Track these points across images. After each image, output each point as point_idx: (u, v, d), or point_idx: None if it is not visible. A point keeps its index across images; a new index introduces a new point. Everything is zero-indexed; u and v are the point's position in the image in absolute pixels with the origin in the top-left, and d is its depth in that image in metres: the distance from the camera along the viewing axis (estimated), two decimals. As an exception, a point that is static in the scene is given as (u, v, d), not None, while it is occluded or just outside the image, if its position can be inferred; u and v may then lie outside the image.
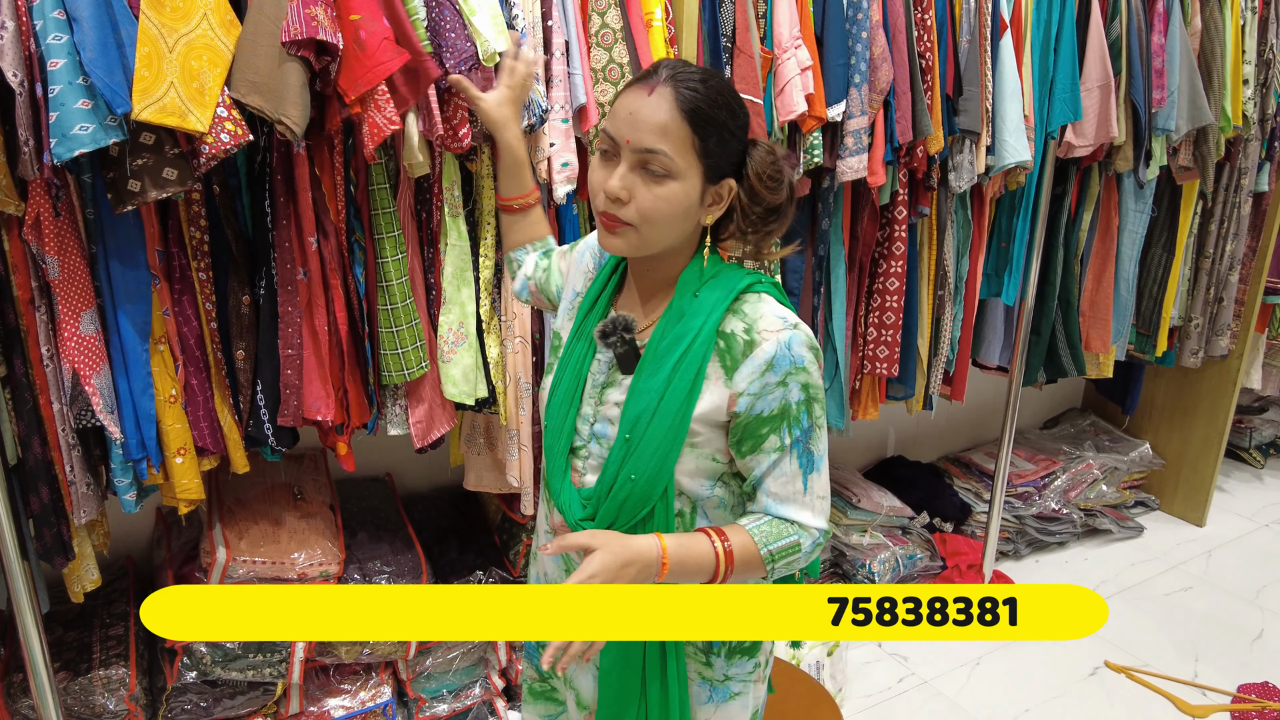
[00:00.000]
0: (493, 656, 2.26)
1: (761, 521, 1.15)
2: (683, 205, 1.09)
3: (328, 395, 1.72)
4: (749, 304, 1.13)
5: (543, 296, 1.45)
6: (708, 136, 1.06)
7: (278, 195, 1.63)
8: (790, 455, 1.12)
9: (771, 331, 1.10)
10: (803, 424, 1.12)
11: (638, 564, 1.07)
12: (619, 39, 1.74)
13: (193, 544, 2.07)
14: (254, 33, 1.47)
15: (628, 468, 1.13)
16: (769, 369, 1.09)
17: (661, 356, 1.12)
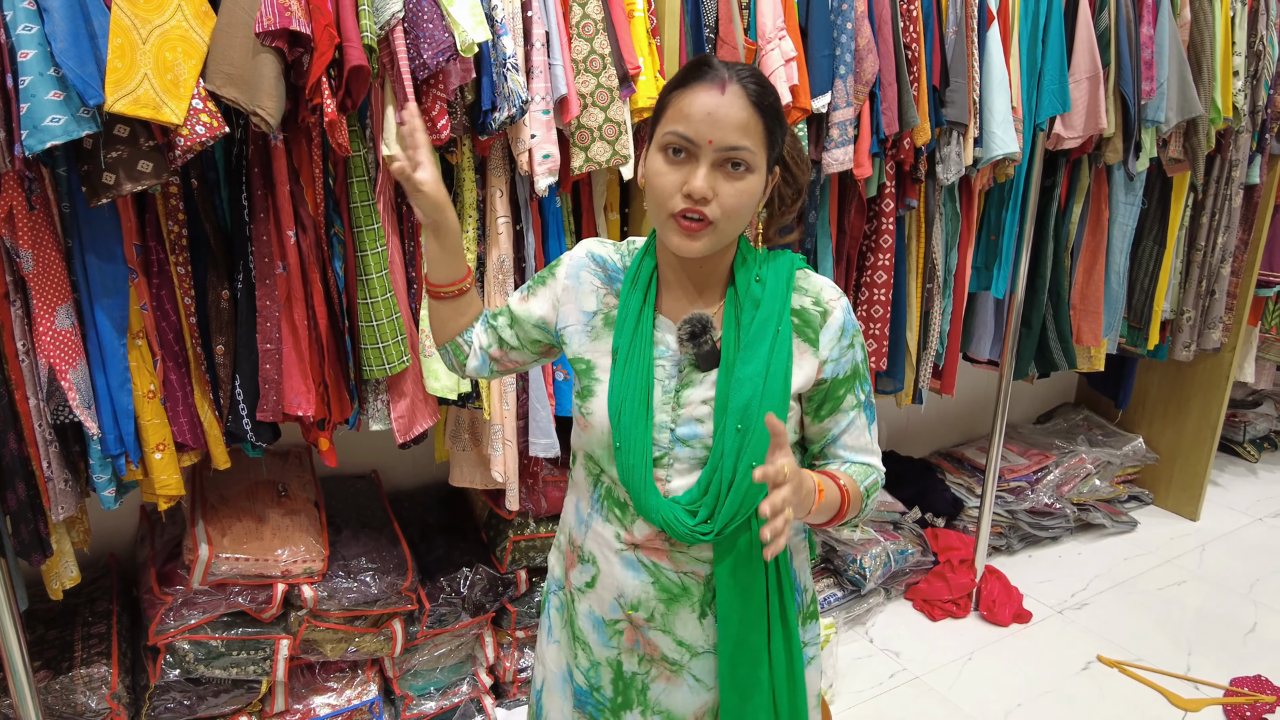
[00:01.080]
0: (480, 654, 2.25)
1: (849, 466, 1.22)
2: (757, 197, 1.13)
3: (308, 390, 1.70)
4: (804, 279, 1.20)
5: (514, 356, 1.33)
6: (774, 128, 1.11)
7: (255, 188, 1.61)
8: (863, 410, 1.21)
9: (835, 299, 1.19)
10: (867, 380, 1.22)
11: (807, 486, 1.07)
12: (600, 30, 1.72)
13: (176, 541, 2.06)
14: (228, 24, 1.46)
15: (746, 456, 1.13)
16: (842, 334, 1.18)
17: (752, 344, 1.15)
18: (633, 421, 1.16)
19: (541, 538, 2.22)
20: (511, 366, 1.35)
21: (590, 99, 1.75)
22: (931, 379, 2.63)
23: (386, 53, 1.58)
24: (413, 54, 1.56)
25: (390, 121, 1.62)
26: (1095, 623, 2.85)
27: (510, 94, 1.63)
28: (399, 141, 1.38)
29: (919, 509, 3.04)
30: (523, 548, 2.21)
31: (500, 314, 1.32)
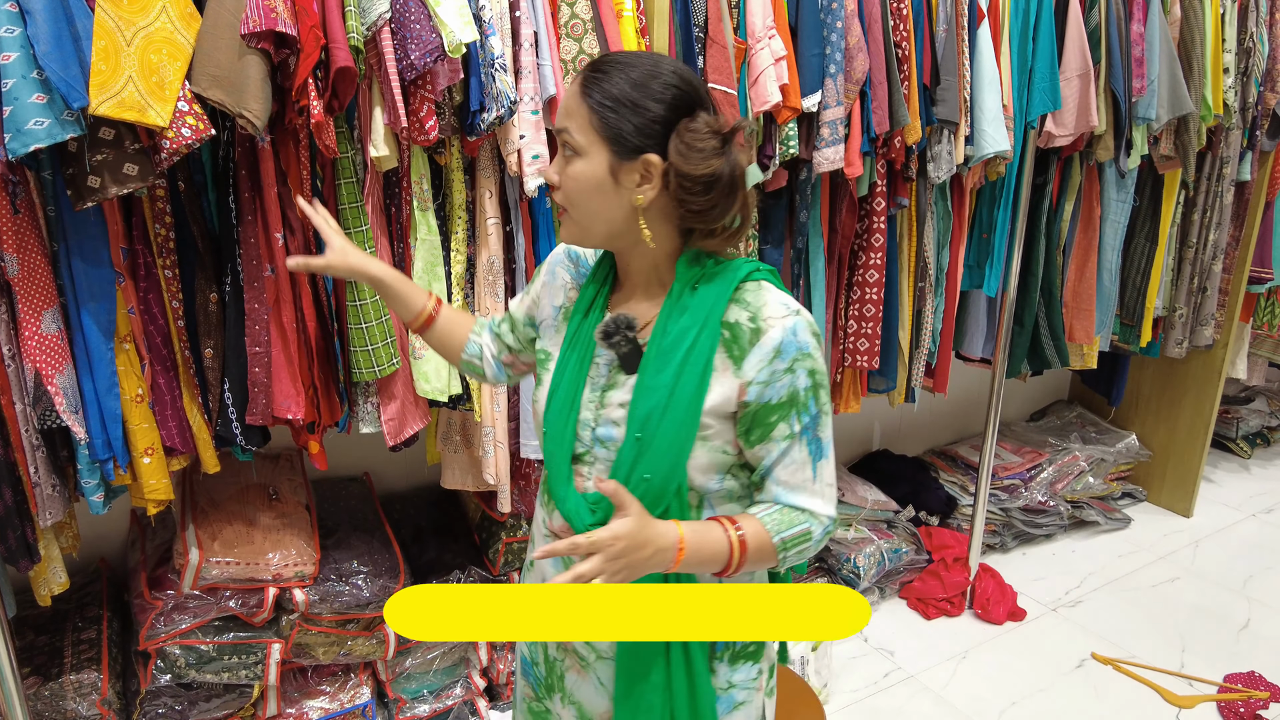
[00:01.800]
0: (474, 656, 2.24)
1: (772, 510, 1.13)
2: (592, 181, 1.09)
3: (297, 393, 1.69)
4: (750, 292, 1.12)
5: (524, 359, 1.37)
6: (606, 111, 1.07)
7: (242, 191, 1.61)
8: (800, 442, 1.11)
9: (777, 318, 1.09)
10: (810, 410, 1.11)
11: (654, 546, 1.05)
12: (589, 30, 1.72)
13: (166, 546, 2.05)
14: (214, 25, 1.45)
15: (641, 467, 1.11)
16: (777, 356, 1.09)
17: (667, 352, 1.11)
18: (557, 414, 1.19)
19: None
20: (525, 370, 1.39)
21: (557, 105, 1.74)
22: (924, 377, 2.63)
23: (374, 54, 1.57)
24: (400, 55, 1.55)
25: (378, 123, 1.61)
26: (1089, 620, 2.85)
27: (498, 94, 1.63)
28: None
29: (912, 507, 3.04)
30: (515, 549, 2.20)
31: (504, 320, 1.38)
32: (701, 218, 1.10)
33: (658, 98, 1.07)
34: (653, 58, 1.10)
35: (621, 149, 1.07)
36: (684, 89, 1.08)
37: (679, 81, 1.08)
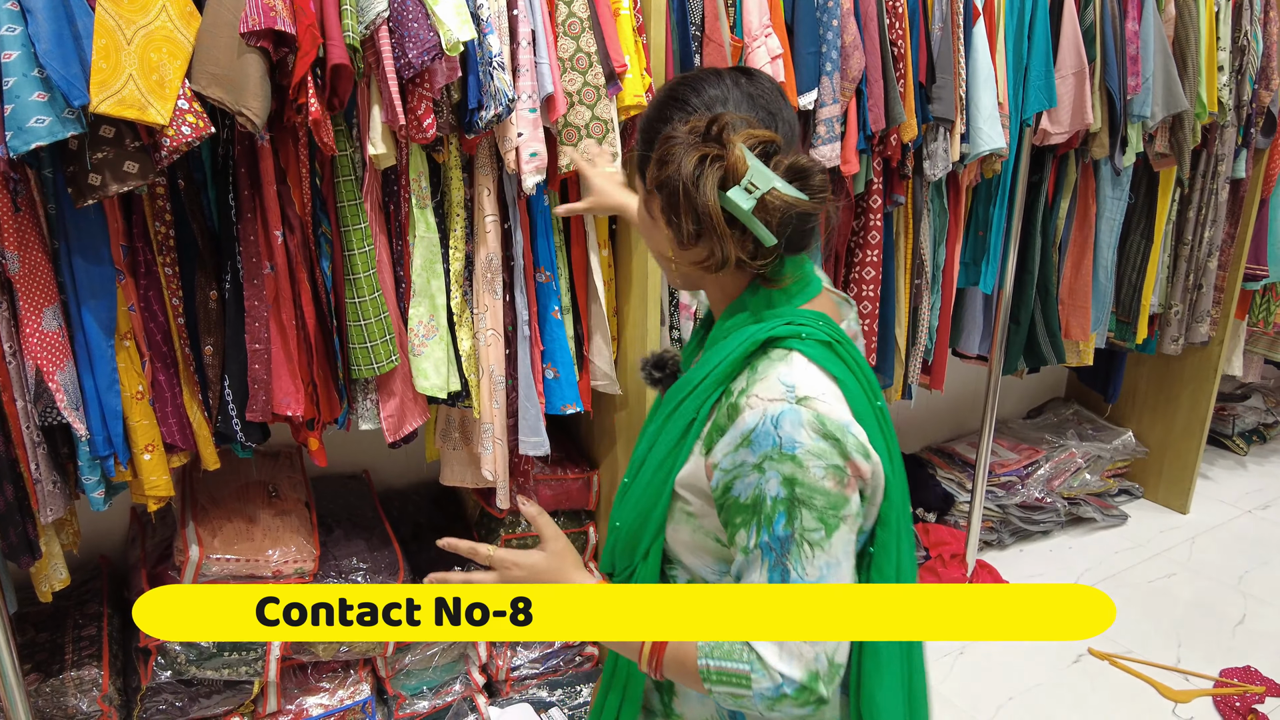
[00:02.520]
0: (473, 652, 2.25)
1: (716, 645, 0.92)
2: (640, 215, 1.02)
3: (297, 390, 1.70)
4: (769, 360, 0.92)
5: None
6: (640, 143, 0.99)
7: (242, 189, 1.61)
8: (759, 564, 0.89)
9: (763, 399, 0.89)
10: (776, 529, 0.88)
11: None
12: (586, 28, 1.73)
13: (167, 543, 2.05)
14: (213, 23, 1.46)
15: (617, 513, 1.05)
16: (745, 444, 0.89)
17: (668, 401, 1.00)
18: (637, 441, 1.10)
19: (533, 536, 2.22)
20: None
21: (577, 97, 1.75)
22: (921, 374, 2.64)
23: (372, 52, 1.58)
24: (398, 53, 1.56)
25: (376, 121, 1.62)
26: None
27: (496, 92, 1.64)
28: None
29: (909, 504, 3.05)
30: (514, 546, 2.21)
31: None
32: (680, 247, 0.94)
33: (666, 118, 0.95)
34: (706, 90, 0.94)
35: (643, 178, 0.98)
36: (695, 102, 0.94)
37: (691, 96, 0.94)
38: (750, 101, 0.94)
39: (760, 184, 0.87)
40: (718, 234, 0.88)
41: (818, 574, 0.88)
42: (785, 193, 0.87)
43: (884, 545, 0.98)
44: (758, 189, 0.87)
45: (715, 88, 0.94)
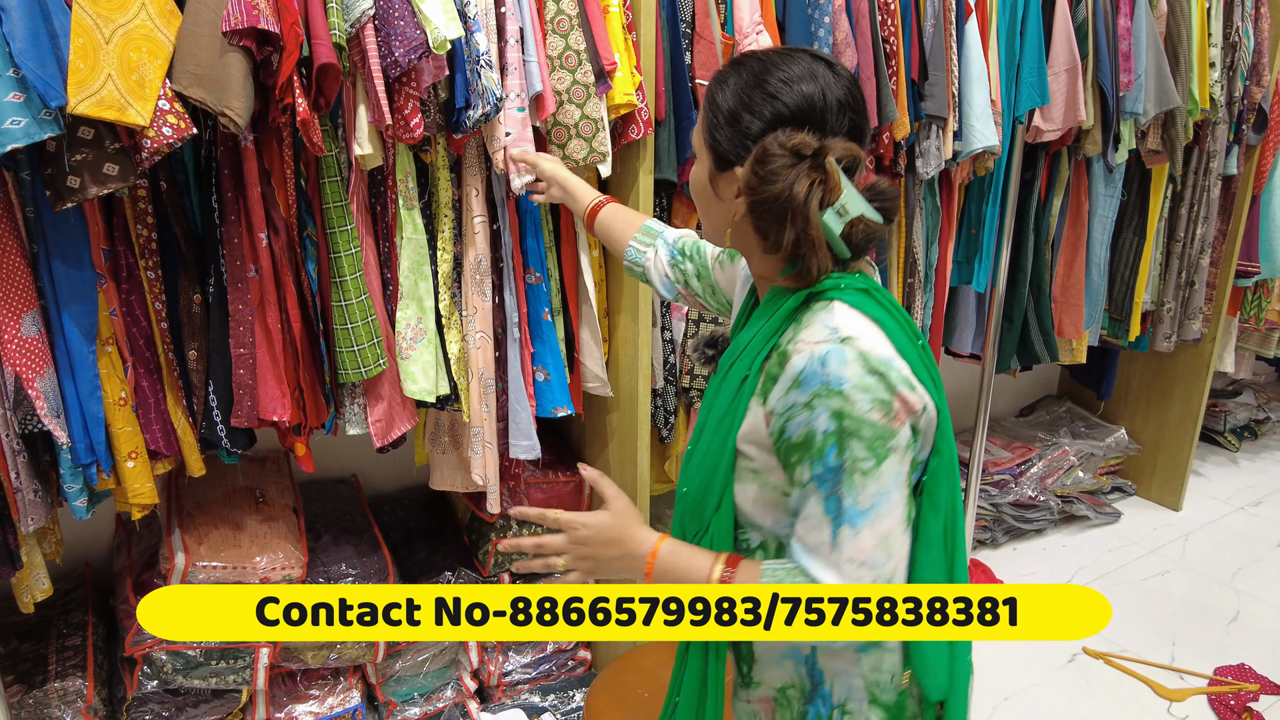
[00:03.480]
0: (464, 658, 2.23)
1: (782, 565, 1.00)
2: (698, 187, 1.08)
3: (283, 395, 1.67)
4: (810, 312, 0.99)
5: (697, 300, 1.40)
6: (711, 115, 1.04)
7: (225, 191, 1.58)
8: (815, 495, 0.96)
9: (809, 343, 0.95)
10: (828, 460, 0.94)
11: (623, 548, 1.05)
12: (575, 25, 1.70)
13: (153, 550, 2.02)
14: (194, 22, 1.43)
15: (684, 479, 1.10)
16: (795, 386, 0.95)
17: (721, 367, 1.07)
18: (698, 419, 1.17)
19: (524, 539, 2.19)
20: (695, 306, 1.43)
21: (566, 96, 1.73)
22: (914, 374, 2.62)
23: (357, 51, 1.55)
24: (384, 52, 1.53)
25: (363, 121, 1.59)
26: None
27: (484, 91, 1.61)
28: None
29: (904, 504, 3.03)
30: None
31: (690, 259, 1.38)
32: (764, 243, 1.00)
33: (754, 109, 0.99)
34: (782, 59, 1.00)
35: (718, 159, 1.03)
36: (785, 100, 0.97)
37: (784, 91, 0.98)
38: (840, 108, 0.99)
39: (851, 209, 0.95)
40: (815, 250, 0.95)
41: (869, 502, 0.94)
42: (870, 218, 0.96)
43: (935, 473, 1.03)
44: (848, 213, 0.95)
45: (809, 84, 0.98)
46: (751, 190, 0.97)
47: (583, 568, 1.06)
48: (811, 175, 0.94)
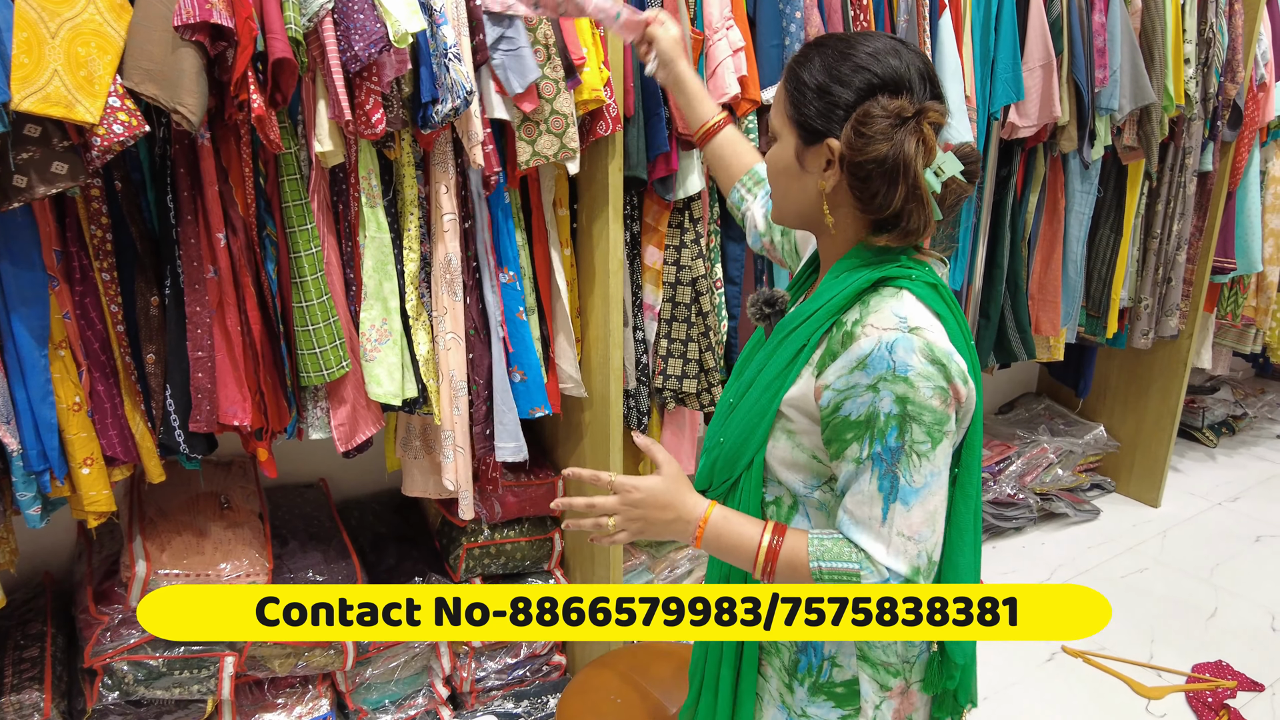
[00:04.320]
0: (436, 664, 2.19)
1: (828, 535, 1.06)
2: (781, 164, 1.11)
3: (244, 399, 1.63)
4: (880, 296, 1.04)
5: (777, 255, 1.44)
6: (796, 92, 1.07)
7: (181, 190, 1.54)
8: (869, 473, 1.01)
9: (878, 328, 1.01)
10: (889, 440, 1.00)
11: (675, 512, 1.10)
12: (542, 18, 1.67)
13: (114, 558, 1.98)
14: (146, 17, 1.39)
15: (721, 430, 1.16)
16: (859, 367, 1.00)
17: (779, 331, 1.12)
18: (731, 376, 1.23)
19: (496, 544, 2.16)
20: (775, 259, 1.45)
21: (536, 90, 1.69)
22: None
23: (316, 45, 1.51)
24: (343, 46, 1.49)
25: (323, 117, 1.55)
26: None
27: (453, 85, 1.57)
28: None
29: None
30: (476, 555, 2.15)
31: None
32: (865, 205, 1.04)
33: (844, 81, 1.03)
34: (861, 38, 1.05)
35: (806, 133, 1.06)
36: (875, 71, 1.02)
37: (872, 64, 1.03)
38: (922, 79, 1.04)
39: (948, 169, 1.01)
40: (923, 206, 1.01)
41: (922, 481, 1.01)
42: (960, 178, 1.02)
43: (969, 468, 1.12)
44: (944, 173, 1.01)
45: (894, 58, 1.03)
46: (856, 151, 1.01)
47: (633, 529, 1.10)
48: (916, 134, 0.99)
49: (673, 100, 1.83)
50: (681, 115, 1.83)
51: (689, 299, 2.02)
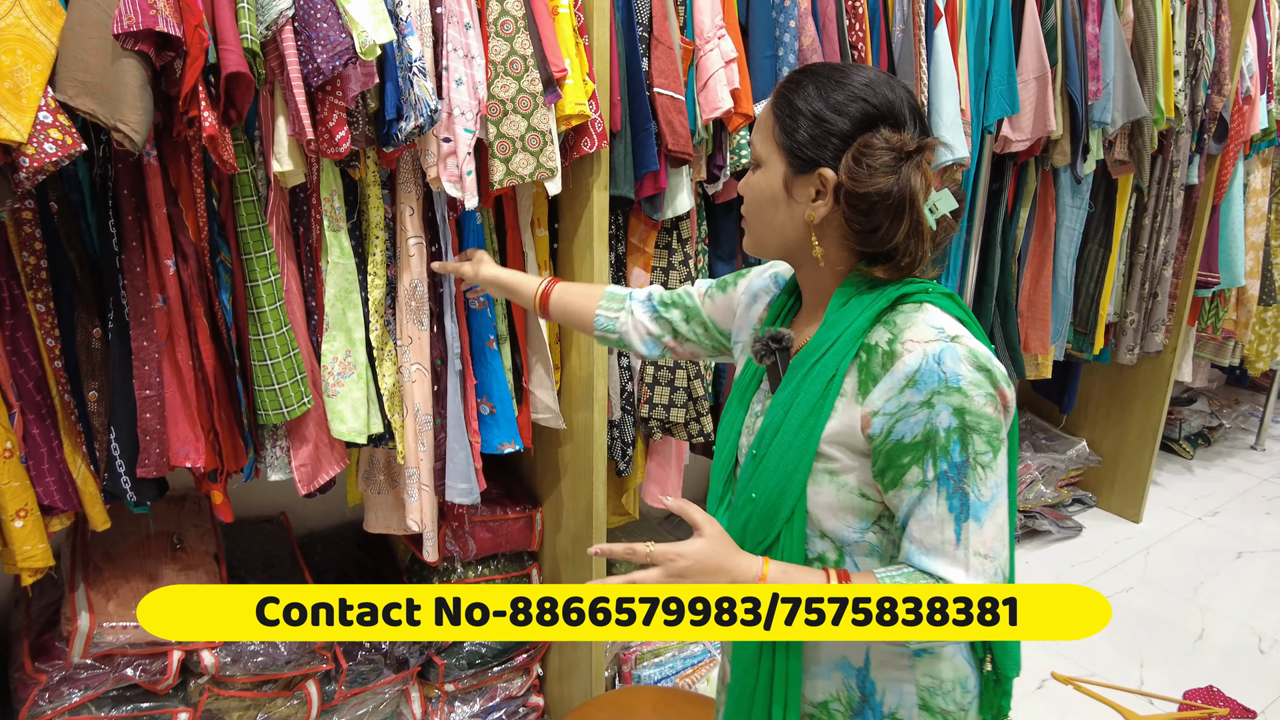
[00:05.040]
0: (406, 710, 2.06)
1: (898, 572, 0.99)
2: (766, 193, 1.06)
3: (196, 438, 1.49)
4: (904, 313, 1.01)
5: (688, 348, 1.39)
6: (787, 119, 1.02)
7: (126, 213, 1.40)
8: (936, 494, 0.97)
9: (919, 342, 0.97)
10: (953, 456, 0.95)
11: (728, 575, 0.99)
12: (521, 28, 1.54)
13: (55, 606, 1.82)
14: (80, 22, 1.24)
15: (750, 486, 1.07)
16: (910, 385, 0.96)
17: (796, 368, 1.06)
18: (722, 430, 1.18)
19: (470, 583, 2.03)
20: (687, 356, 1.41)
21: (511, 105, 1.57)
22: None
23: (275, 56, 1.38)
24: (305, 58, 1.36)
25: (282, 134, 1.42)
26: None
27: (417, 101, 1.45)
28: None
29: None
30: (450, 596, 2.02)
31: (674, 305, 1.36)
32: (865, 238, 1.01)
33: (840, 109, 1.00)
34: (852, 68, 1.03)
35: (796, 161, 1.02)
36: (872, 102, 1.00)
37: (874, 99, 1.00)
38: (913, 114, 1.02)
39: (942, 206, 0.99)
40: (924, 241, 1.00)
41: (990, 493, 0.96)
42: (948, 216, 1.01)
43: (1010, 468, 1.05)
44: (938, 210, 0.99)
45: (888, 90, 1.01)
46: (857, 183, 0.97)
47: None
48: (920, 170, 0.98)
49: (662, 115, 1.72)
50: (672, 131, 1.71)
51: (676, 324, 1.90)
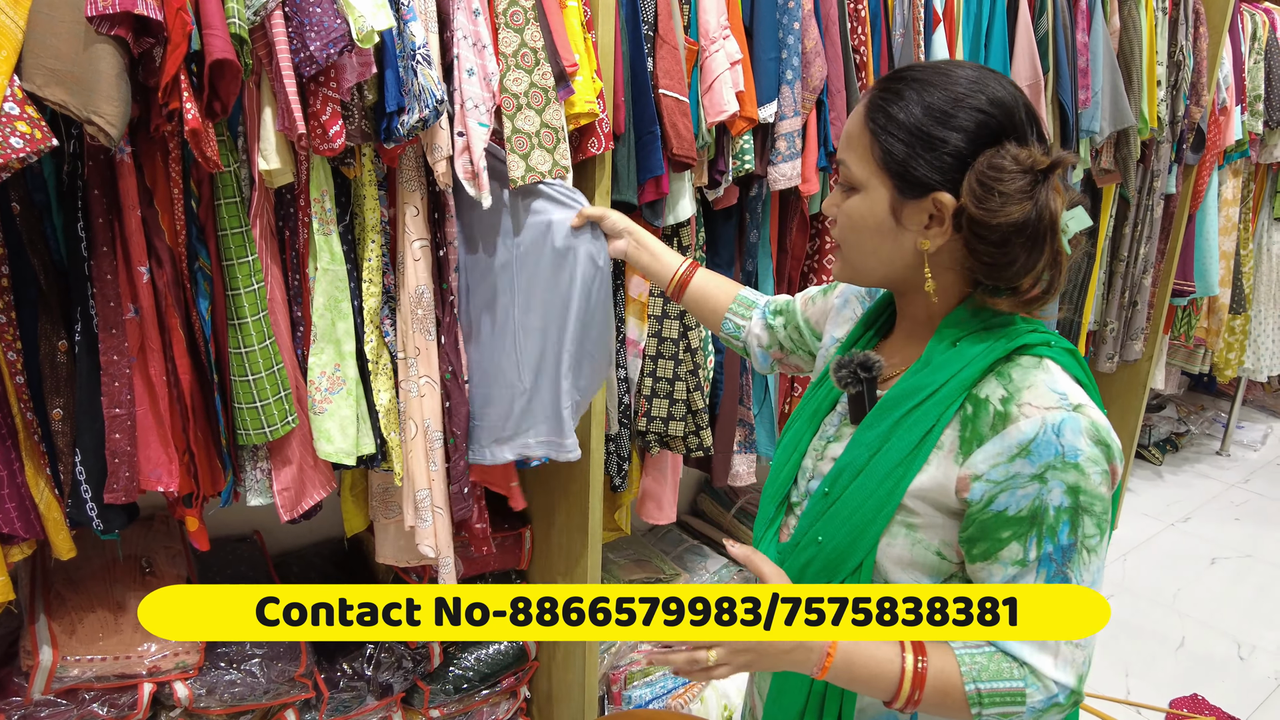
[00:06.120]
0: (388, 740, 1.96)
1: (980, 650, 0.92)
2: (868, 221, 0.94)
3: (169, 460, 1.38)
4: (1021, 368, 0.91)
5: (793, 360, 1.30)
6: (890, 140, 0.90)
7: (96, 215, 1.28)
8: (1034, 575, 0.89)
9: (1039, 408, 0.87)
10: (1060, 539, 0.87)
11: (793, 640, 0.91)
12: (531, 19, 1.44)
13: (14, 637, 1.69)
14: (50, 4, 1.13)
15: (818, 528, 0.98)
16: (1022, 455, 0.87)
17: (889, 408, 0.95)
18: (781, 453, 1.09)
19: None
20: (793, 370, 1.33)
21: (525, 99, 1.47)
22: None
23: (263, 44, 1.28)
24: (296, 45, 1.26)
25: (269, 129, 1.32)
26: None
27: (421, 92, 1.35)
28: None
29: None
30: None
31: (779, 312, 1.29)
32: (995, 272, 0.90)
33: (957, 126, 0.88)
34: (960, 72, 0.91)
35: (906, 185, 0.90)
36: (993, 115, 0.88)
37: (988, 105, 0.88)
38: (1029, 115, 0.90)
39: (1073, 226, 0.90)
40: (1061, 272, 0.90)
41: (1090, 579, 0.90)
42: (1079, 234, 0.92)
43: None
44: (1069, 230, 0.90)
45: (1001, 89, 0.90)
46: (988, 213, 0.86)
47: (739, 661, 0.91)
48: (1057, 192, 0.87)
49: (666, 121, 1.65)
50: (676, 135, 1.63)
51: (676, 334, 1.83)
